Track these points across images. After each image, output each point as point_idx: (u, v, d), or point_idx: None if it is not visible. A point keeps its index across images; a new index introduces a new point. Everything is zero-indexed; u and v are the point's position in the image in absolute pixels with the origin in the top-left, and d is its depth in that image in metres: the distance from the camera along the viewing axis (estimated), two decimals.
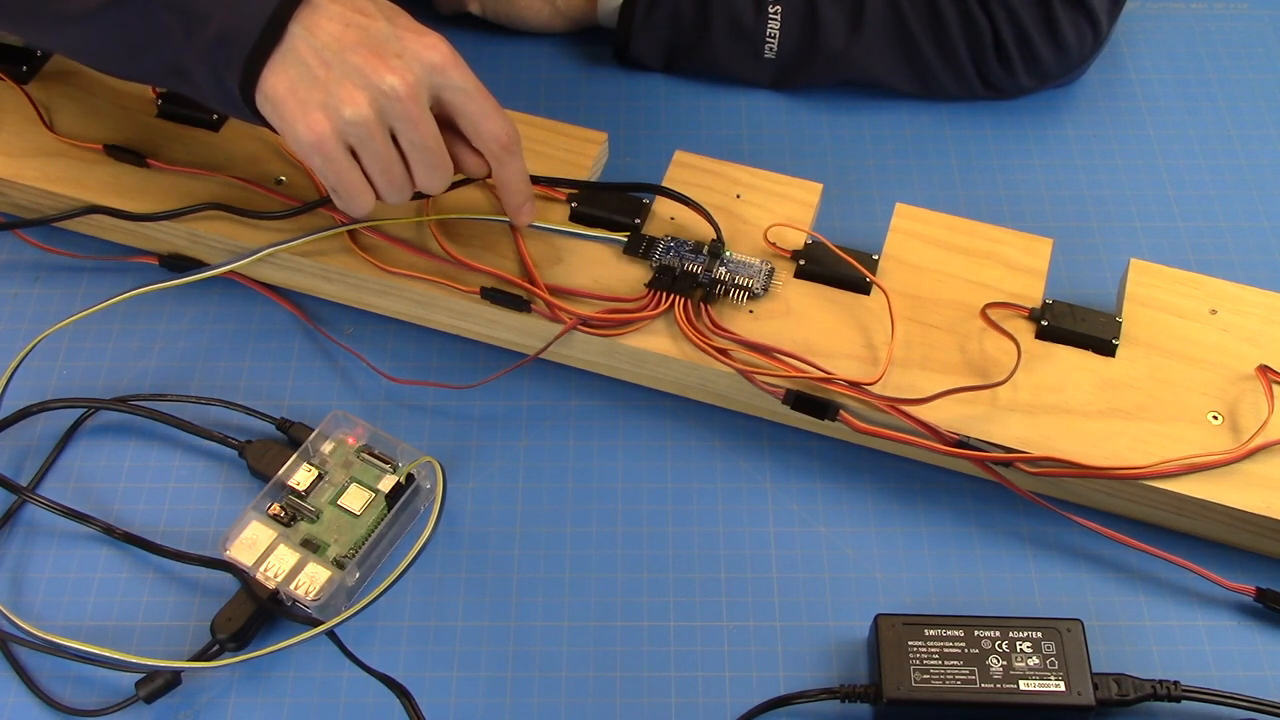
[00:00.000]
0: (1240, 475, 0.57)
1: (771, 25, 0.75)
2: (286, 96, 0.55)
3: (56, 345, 0.68)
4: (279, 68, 0.55)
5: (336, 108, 0.55)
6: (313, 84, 0.55)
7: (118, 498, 0.63)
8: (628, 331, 0.62)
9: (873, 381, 0.59)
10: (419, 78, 0.55)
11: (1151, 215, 0.73)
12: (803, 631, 0.58)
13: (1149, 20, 0.84)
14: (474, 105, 0.57)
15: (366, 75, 0.55)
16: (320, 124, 0.55)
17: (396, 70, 0.55)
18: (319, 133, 0.55)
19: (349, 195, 0.58)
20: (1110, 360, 0.61)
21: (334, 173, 0.57)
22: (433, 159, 0.57)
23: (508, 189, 0.62)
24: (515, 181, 0.61)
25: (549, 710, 0.56)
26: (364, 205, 0.58)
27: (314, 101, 0.55)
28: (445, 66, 0.56)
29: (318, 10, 0.56)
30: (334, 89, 0.55)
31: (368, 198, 0.58)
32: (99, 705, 0.56)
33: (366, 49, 0.55)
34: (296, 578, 0.57)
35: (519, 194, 0.62)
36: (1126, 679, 0.54)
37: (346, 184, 0.57)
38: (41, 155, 0.70)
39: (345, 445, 0.61)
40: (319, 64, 0.55)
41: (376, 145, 0.56)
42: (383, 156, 0.56)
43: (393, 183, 0.58)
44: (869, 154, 0.76)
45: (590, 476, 0.63)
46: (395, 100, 0.55)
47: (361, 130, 0.55)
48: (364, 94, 0.55)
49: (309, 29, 0.55)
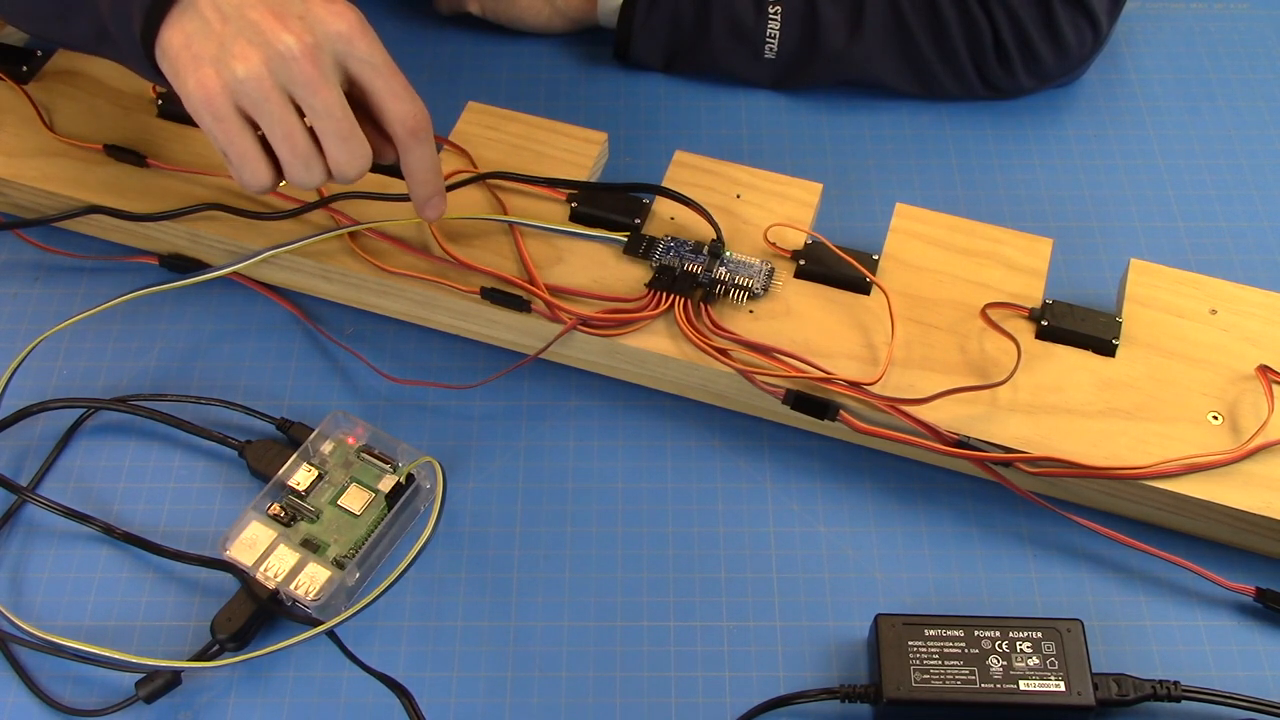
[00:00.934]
0: (1240, 475, 0.57)
1: (771, 25, 0.75)
2: (180, 50, 0.53)
3: (56, 345, 0.68)
4: (176, 21, 0.53)
5: (228, 63, 0.52)
6: (207, 38, 0.52)
7: (118, 498, 0.63)
8: (628, 331, 0.62)
9: (873, 381, 0.59)
10: (319, 41, 0.53)
11: (1151, 215, 0.73)
12: (803, 631, 0.58)
13: (1149, 20, 0.84)
14: (380, 81, 0.54)
15: (263, 32, 0.52)
16: (210, 79, 0.52)
17: (295, 30, 0.52)
18: (209, 89, 0.52)
19: (240, 161, 0.54)
20: (1110, 360, 0.61)
21: (223, 134, 0.54)
22: (339, 128, 0.53)
23: (414, 178, 0.58)
24: (421, 170, 0.58)
25: (549, 710, 0.56)
26: (258, 175, 0.55)
27: (206, 56, 0.52)
28: (351, 35, 0.53)
29: None
30: (228, 44, 0.52)
31: (261, 168, 0.54)
32: (99, 705, 0.56)
33: (266, 7, 0.52)
34: (296, 578, 0.57)
35: (426, 185, 0.58)
36: (1126, 679, 0.54)
37: (238, 149, 0.54)
38: (41, 155, 0.70)
39: (345, 445, 0.61)
40: (217, 19, 0.52)
41: (272, 107, 0.53)
42: (282, 121, 0.53)
43: (296, 151, 0.54)
44: (869, 154, 0.76)
45: (590, 476, 0.63)
46: (291, 60, 0.52)
47: (253, 89, 0.52)
48: (258, 51, 0.52)
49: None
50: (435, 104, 0.75)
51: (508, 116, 0.72)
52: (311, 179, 0.55)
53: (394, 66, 0.55)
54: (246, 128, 0.54)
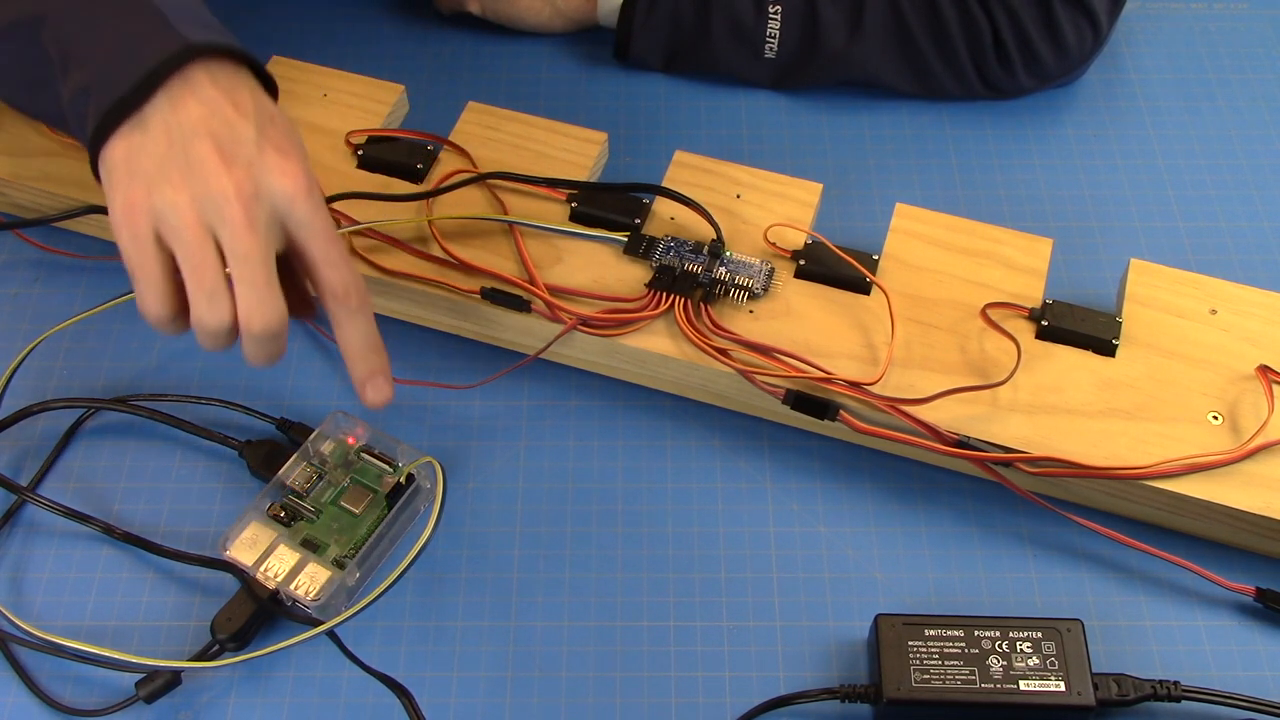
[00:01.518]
0: (1240, 475, 0.57)
1: (772, 25, 0.75)
2: (119, 163, 0.51)
3: (56, 345, 0.68)
4: (126, 134, 0.51)
5: (159, 187, 0.50)
6: (148, 158, 0.50)
7: (118, 498, 0.63)
8: (628, 331, 0.62)
9: (873, 381, 0.59)
10: (258, 192, 0.50)
11: (1151, 215, 0.73)
12: (803, 631, 0.58)
13: (1149, 20, 0.84)
14: (316, 245, 0.52)
15: (203, 168, 0.50)
16: (138, 199, 0.50)
17: (236, 176, 0.50)
18: (133, 207, 0.50)
19: (144, 285, 0.51)
20: (1110, 360, 0.61)
21: (135, 254, 0.51)
22: (254, 275, 0.50)
23: (348, 353, 0.54)
24: (355, 344, 0.54)
25: (549, 710, 0.56)
26: (159, 304, 0.52)
27: (141, 174, 0.50)
28: (295, 195, 0.51)
29: (190, 87, 0.51)
30: (166, 170, 0.50)
31: (163, 297, 0.51)
32: (99, 705, 0.56)
33: (215, 144, 0.50)
34: (296, 578, 0.57)
35: (363, 361, 0.54)
36: (1126, 679, 0.54)
37: (144, 271, 0.51)
38: (41, 155, 0.70)
39: (345, 445, 0.61)
40: (164, 141, 0.50)
41: (189, 237, 0.50)
42: (196, 252, 0.50)
43: (202, 284, 0.50)
44: (869, 154, 0.76)
45: (590, 476, 0.63)
46: (223, 202, 0.49)
47: (175, 219, 0.50)
48: (189, 186, 0.50)
49: (173, 103, 0.51)
50: (435, 104, 0.76)
51: (508, 116, 0.72)
52: (214, 317, 0.51)
53: (333, 234, 0.52)
54: (159, 255, 0.51)
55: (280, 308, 0.51)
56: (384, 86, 0.74)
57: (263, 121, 0.52)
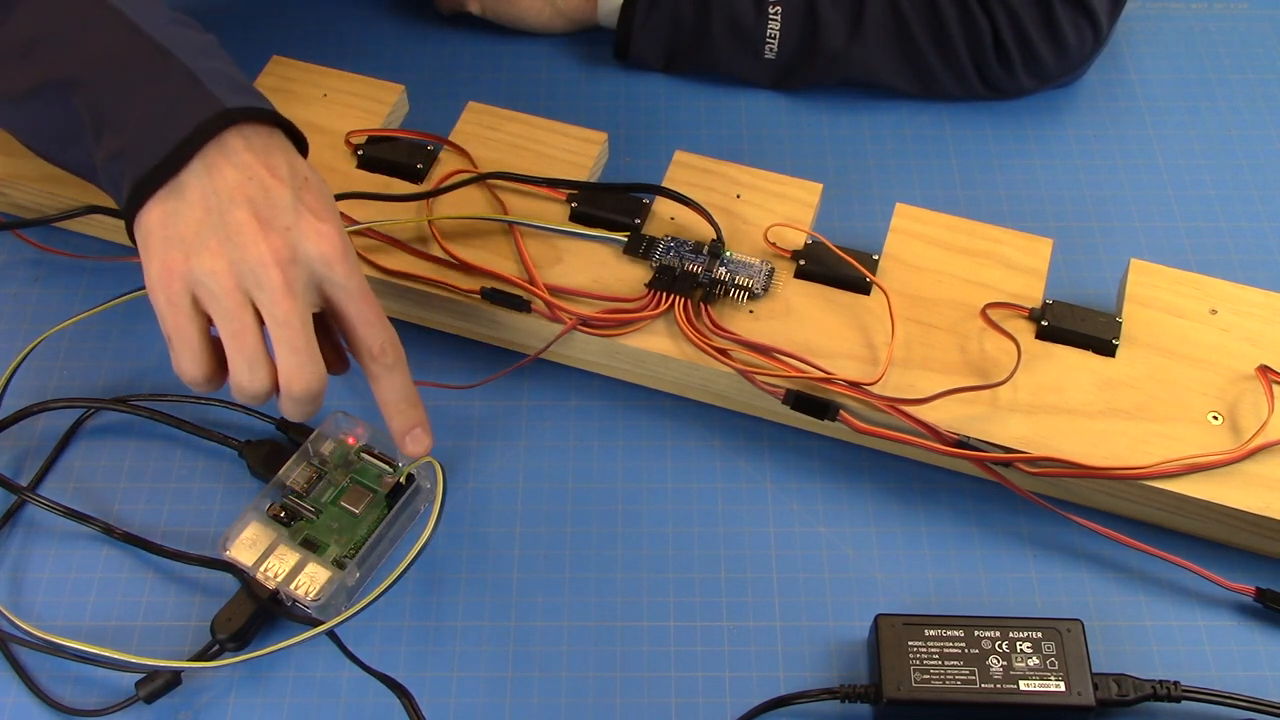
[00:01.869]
0: (1240, 475, 0.57)
1: (772, 26, 0.75)
2: (155, 229, 0.51)
3: (56, 345, 0.68)
4: (162, 200, 0.51)
5: (197, 254, 0.51)
6: (185, 224, 0.51)
7: (118, 498, 0.63)
8: (628, 331, 0.62)
9: (873, 381, 0.59)
10: (296, 257, 0.51)
11: (1151, 215, 0.73)
12: (803, 631, 0.58)
13: (1149, 20, 0.84)
14: (353, 306, 0.53)
15: (240, 236, 0.51)
16: (175, 264, 0.51)
17: (273, 244, 0.51)
18: (170, 273, 0.51)
19: (181, 348, 0.52)
20: (1110, 360, 0.61)
21: (171, 318, 0.52)
22: (294, 339, 0.51)
23: (388, 408, 0.55)
24: (395, 400, 0.55)
25: (549, 710, 0.56)
26: (196, 366, 0.52)
27: (177, 240, 0.51)
28: (331, 260, 0.52)
29: (226, 153, 0.52)
30: (204, 236, 0.51)
31: (200, 359, 0.52)
32: (99, 705, 0.56)
33: (252, 210, 0.51)
34: (296, 578, 0.57)
35: (402, 416, 0.56)
36: (1126, 679, 0.54)
37: (180, 335, 0.52)
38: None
39: (345, 445, 0.61)
40: (201, 208, 0.51)
41: (229, 304, 0.51)
42: (236, 318, 0.51)
43: (243, 350, 0.51)
44: (869, 154, 0.76)
45: (590, 476, 0.63)
46: (261, 269, 0.50)
47: (213, 285, 0.51)
48: (227, 254, 0.50)
49: (209, 169, 0.51)
50: (435, 104, 0.76)
51: (508, 116, 0.72)
52: (255, 384, 0.52)
53: (369, 294, 0.54)
54: (195, 319, 0.52)
55: (320, 370, 0.52)
56: (384, 86, 0.74)
57: (298, 185, 0.53)
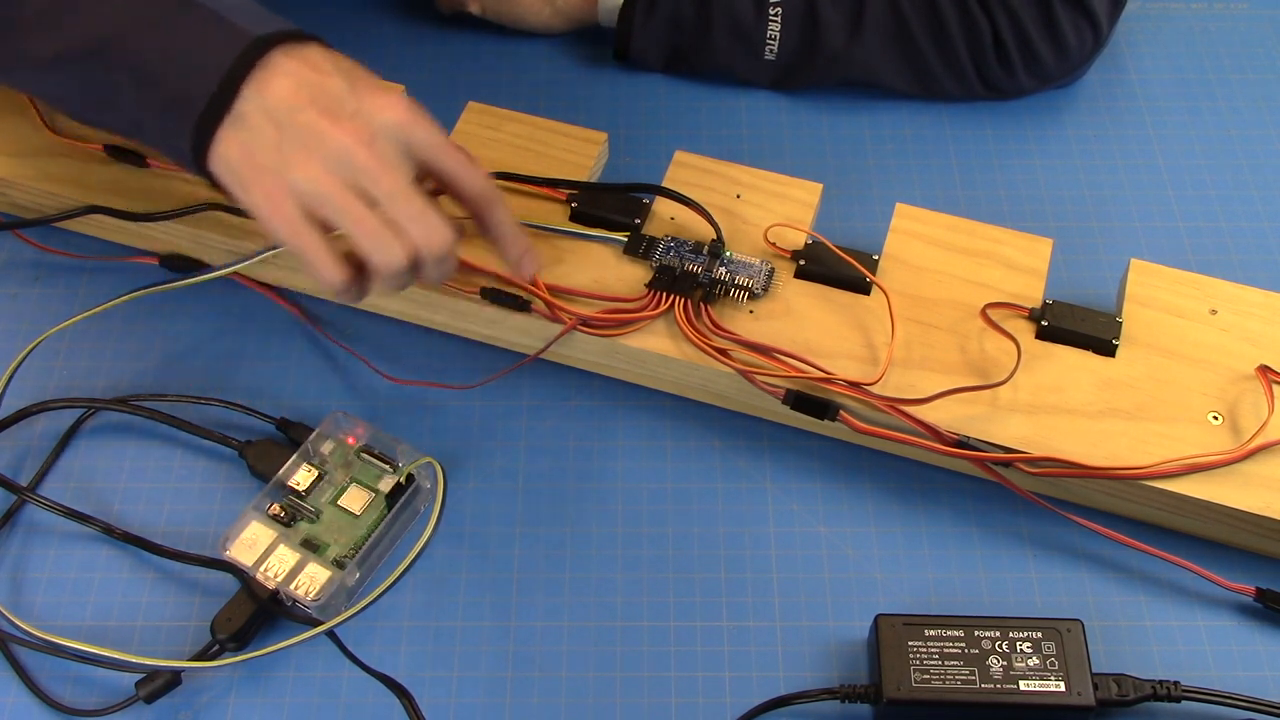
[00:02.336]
0: (1240, 475, 0.57)
1: (772, 26, 0.75)
2: (241, 162, 0.53)
3: (56, 345, 0.68)
4: (230, 132, 0.53)
5: (289, 170, 0.52)
6: (265, 148, 0.52)
7: (118, 498, 0.63)
8: (628, 331, 0.62)
9: (873, 381, 0.59)
10: (375, 133, 0.52)
11: (1151, 215, 0.73)
12: (803, 631, 0.58)
13: (1149, 20, 0.84)
14: (446, 159, 0.55)
15: (318, 135, 0.52)
16: (274, 188, 0.52)
17: (348, 129, 0.52)
18: (275, 198, 0.52)
19: (316, 260, 0.53)
20: (1110, 360, 0.61)
21: (295, 239, 0.53)
22: (410, 208, 0.53)
23: (502, 240, 0.57)
24: (507, 230, 0.57)
25: (549, 710, 0.56)
26: (335, 273, 0.53)
27: (267, 165, 0.52)
28: (406, 124, 0.53)
29: (271, 70, 0.53)
30: (286, 152, 0.52)
31: (336, 266, 0.53)
32: (99, 705, 0.56)
33: (318, 109, 0.52)
34: (296, 578, 0.57)
35: (516, 242, 0.58)
36: (1126, 679, 0.54)
37: (309, 250, 0.53)
38: (41, 155, 0.70)
39: (345, 445, 0.61)
40: (270, 126, 0.52)
41: (337, 201, 0.52)
42: (348, 210, 0.52)
43: (369, 234, 0.52)
44: (869, 154, 0.76)
45: (590, 476, 0.63)
46: (350, 156, 0.52)
47: (317, 190, 0.52)
48: (314, 156, 0.52)
49: (260, 90, 0.52)
50: (435, 104, 0.75)
51: (508, 116, 0.72)
52: (393, 260, 0.53)
53: (453, 143, 0.55)
54: (316, 230, 0.53)
55: (447, 224, 0.54)
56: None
57: (346, 73, 0.54)
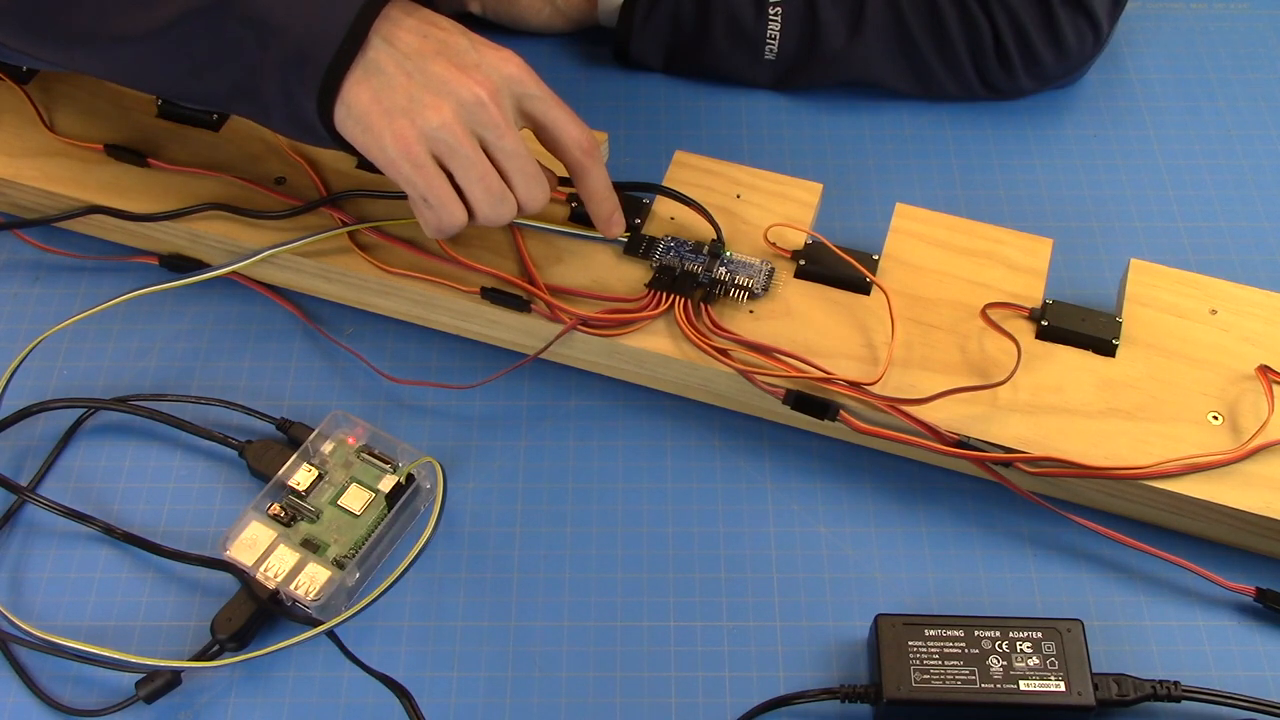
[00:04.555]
0: (1240, 475, 0.57)
1: (772, 26, 0.75)
2: (370, 107, 0.54)
3: (56, 345, 0.68)
4: (360, 78, 0.54)
5: (421, 114, 0.54)
6: (395, 92, 0.54)
7: (118, 498, 0.63)
8: (628, 331, 0.62)
9: (873, 382, 0.59)
10: (499, 87, 0.55)
11: (1151, 215, 0.73)
12: (803, 631, 0.58)
13: (1149, 20, 0.84)
14: (554, 113, 0.58)
15: (449, 83, 0.54)
16: (406, 130, 0.54)
17: (477, 80, 0.55)
18: (406, 139, 0.54)
19: (440, 205, 0.56)
20: (1110, 360, 0.61)
21: (423, 180, 0.55)
22: (525, 166, 0.57)
23: (593, 197, 0.61)
24: (602, 189, 0.61)
25: (549, 710, 0.56)
26: (455, 218, 0.57)
27: (398, 109, 0.54)
28: (523, 78, 0.56)
29: (395, 22, 0.55)
30: (418, 96, 0.54)
31: (458, 209, 0.57)
32: (99, 705, 0.56)
33: (446, 59, 0.55)
34: (296, 578, 0.57)
35: (607, 202, 0.62)
36: (1126, 679, 0.54)
37: (437, 193, 0.56)
38: (41, 155, 0.70)
39: (345, 445, 0.61)
40: (400, 73, 0.54)
41: (466, 152, 0.55)
42: (476, 164, 0.56)
43: (491, 191, 0.56)
44: (869, 154, 0.76)
45: (590, 476, 0.63)
46: (480, 107, 0.55)
47: (448, 137, 0.54)
48: (448, 102, 0.54)
49: (388, 39, 0.55)
50: None
51: None
52: (502, 216, 0.58)
53: (559, 99, 0.58)
54: (442, 173, 0.56)
55: (547, 184, 0.59)
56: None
57: (460, 29, 0.57)
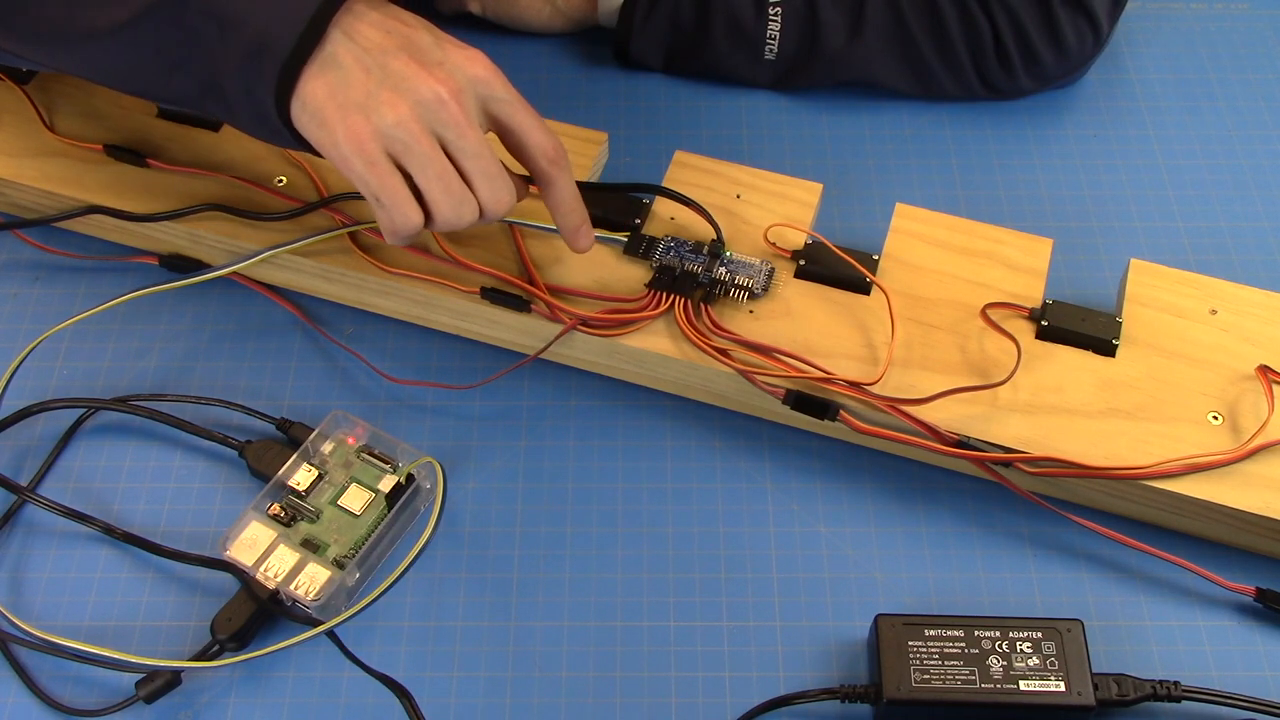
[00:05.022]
0: (1240, 475, 0.57)
1: (772, 26, 0.75)
2: (325, 102, 0.53)
3: (56, 345, 0.68)
4: (317, 73, 0.53)
5: (377, 110, 0.52)
6: (352, 87, 0.53)
7: (118, 498, 0.63)
8: (628, 331, 0.62)
9: (873, 381, 0.59)
10: (462, 86, 0.54)
11: (1151, 215, 0.73)
12: (803, 631, 0.58)
13: (1149, 20, 0.84)
14: (519, 117, 0.56)
15: (409, 80, 0.53)
16: (360, 126, 0.52)
17: (439, 78, 0.53)
18: (359, 135, 0.52)
19: (393, 205, 0.54)
20: (1110, 360, 0.61)
21: (375, 178, 0.53)
22: (487, 167, 0.55)
23: (560, 208, 0.59)
24: (569, 199, 0.59)
25: (549, 710, 0.56)
26: (410, 219, 0.55)
27: (354, 105, 0.52)
28: (489, 79, 0.55)
29: (358, 16, 0.54)
30: (375, 93, 0.52)
31: (413, 211, 0.54)
32: (99, 705, 0.56)
33: (408, 55, 0.53)
34: (296, 578, 0.57)
35: (574, 214, 0.59)
36: (1126, 679, 0.54)
37: (390, 192, 0.54)
38: (41, 155, 0.70)
39: (345, 445, 0.61)
40: (359, 69, 0.53)
41: (423, 150, 0.53)
42: (433, 163, 0.53)
43: (450, 192, 0.54)
44: (869, 154, 0.76)
45: (590, 476, 0.63)
46: (440, 105, 0.53)
47: (404, 134, 0.53)
48: (406, 99, 0.53)
49: (349, 34, 0.53)
50: None
51: None
52: (462, 219, 0.55)
53: (527, 103, 0.56)
54: (397, 172, 0.54)
55: (512, 186, 0.56)
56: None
57: (427, 25, 0.55)
